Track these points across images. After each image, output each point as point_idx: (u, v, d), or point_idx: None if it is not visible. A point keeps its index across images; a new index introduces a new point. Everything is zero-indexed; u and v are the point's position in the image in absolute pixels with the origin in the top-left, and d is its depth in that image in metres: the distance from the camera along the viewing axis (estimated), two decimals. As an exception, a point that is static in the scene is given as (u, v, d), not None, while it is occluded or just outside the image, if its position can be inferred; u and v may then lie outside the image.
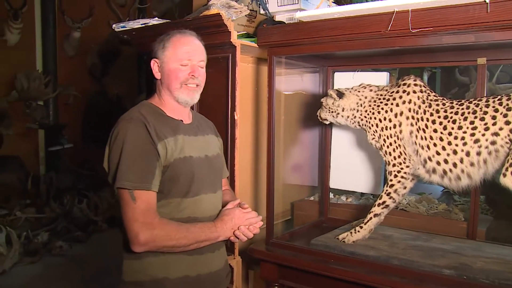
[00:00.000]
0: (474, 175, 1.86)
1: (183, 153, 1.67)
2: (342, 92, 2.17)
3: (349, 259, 1.97)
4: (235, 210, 1.74)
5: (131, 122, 1.62)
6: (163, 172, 1.62)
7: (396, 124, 2.00)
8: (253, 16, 2.66)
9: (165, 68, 1.72)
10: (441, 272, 1.78)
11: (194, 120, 1.83)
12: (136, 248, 1.54)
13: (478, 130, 1.81)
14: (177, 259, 1.64)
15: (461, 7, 1.62)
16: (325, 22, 1.94)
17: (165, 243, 1.56)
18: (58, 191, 5.89)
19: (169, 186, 1.64)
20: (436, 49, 2.06)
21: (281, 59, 2.26)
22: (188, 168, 1.67)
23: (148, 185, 1.57)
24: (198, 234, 1.62)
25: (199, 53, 1.76)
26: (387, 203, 2.05)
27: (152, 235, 1.53)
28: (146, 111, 1.69)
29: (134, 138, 1.59)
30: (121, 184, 1.55)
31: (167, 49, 1.71)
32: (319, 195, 2.77)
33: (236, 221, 1.70)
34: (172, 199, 1.65)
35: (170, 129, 1.68)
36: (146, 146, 1.59)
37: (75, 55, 6.84)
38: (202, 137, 1.81)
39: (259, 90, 2.58)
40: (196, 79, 1.73)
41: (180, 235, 1.58)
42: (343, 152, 2.59)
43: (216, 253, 1.76)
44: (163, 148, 1.61)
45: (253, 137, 2.57)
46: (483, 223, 2.25)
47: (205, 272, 1.71)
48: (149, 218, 1.54)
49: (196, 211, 1.69)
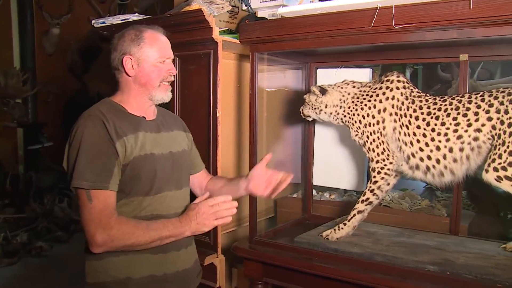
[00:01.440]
0: (457, 171, 1.86)
1: (144, 150, 1.63)
2: (325, 89, 2.16)
3: (333, 256, 1.97)
4: (200, 204, 1.65)
5: (89, 120, 1.57)
6: (122, 170, 1.58)
7: (380, 121, 1.99)
8: (235, 12, 2.64)
9: (142, 65, 1.65)
10: (425, 268, 1.78)
11: (158, 116, 1.78)
12: (94, 249, 1.50)
13: (461, 126, 1.81)
14: (141, 258, 1.60)
15: (444, 3, 1.62)
16: (308, 18, 1.93)
17: (123, 242, 1.52)
18: (38, 190, 5.78)
19: (131, 184, 1.59)
20: (418, 45, 2.06)
21: (264, 56, 2.23)
22: (149, 165, 1.63)
23: (106, 185, 1.52)
24: (160, 230, 1.56)
25: (170, 49, 1.73)
26: (370, 200, 2.04)
27: (109, 235, 1.49)
28: (106, 108, 1.64)
29: (92, 136, 1.54)
30: (77, 183, 1.51)
31: (144, 45, 1.65)
32: (302, 192, 2.76)
33: (201, 215, 1.62)
34: (134, 197, 1.60)
35: (131, 126, 1.63)
36: (104, 144, 1.54)
37: (55, 52, 6.71)
38: (166, 133, 1.76)
39: (241, 86, 2.55)
40: (173, 76, 1.71)
41: (139, 233, 1.53)
42: (326, 149, 2.58)
43: (182, 252, 1.71)
44: (122, 146, 1.57)
45: (235, 134, 2.55)
46: (465, 219, 2.26)
47: (172, 271, 1.67)
48: (105, 218, 1.50)
49: (159, 208, 1.64)
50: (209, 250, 2.21)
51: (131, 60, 1.66)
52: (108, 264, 1.59)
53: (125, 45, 1.66)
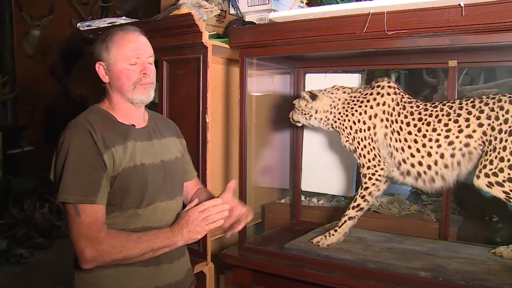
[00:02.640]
0: (448, 176, 1.87)
1: (134, 161, 1.57)
2: (315, 94, 2.15)
3: (324, 263, 1.96)
4: (190, 211, 1.60)
5: (76, 131, 1.52)
6: (111, 183, 1.52)
7: (370, 126, 1.99)
8: (223, 16, 2.61)
9: (113, 70, 1.59)
10: (417, 274, 1.78)
11: (149, 123, 1.72)
12: (83, 265, 1.46)
13: (452, 132, 1.82)
14: (132, 271, 1.55)
15: (437, 10, 1.62)
16: (300, 23, 1.91)
17: (114, 256, 1.47)
18: (18, 195, 5.64)
19: (121, 197, 1.54)
20: (407, 51, 2.07)
21: (253, 60, 2.21)
22: (140, 176, 1.57)
23: (93, 198, 1.47)
24: (152, 242, 1.52)
25: (147, 49, 1.64)
26: (361, 206, 2.04)
27: (98, 250, 1.44)
28: (95, 117, 1.58)
29: (79, 148, 1.49)
30: (64, 198, 1.46)
31: (112, 49, 1.58)
32: (290, 197, 2.74)
33: (192, 222, 1.58)
34: (125, 210, 1.55)
35: (120, 136, 1.57)
36: (91, 156, 1.49)
37: (35, 54, 6.58)
38: (158, 141, 1.70)
39: (229, 91, 2.53)
40: (148, 77, 1.62)
41: (130, 246, 1.48)
42: (314, 154, 2.57)
43: (175, 264, 1.66)
44: (110, 158, 1.51)
45: (223, 139, 2.52)
46: (453, 223, 2.27)
47: (164, 284, 1.63)
48: (94, 232, 1.46)
49: (151, 220, 1.59)
50: (198, 258, 2.18)
51: (102, 66, 1.60)
52: (99, 277, 1.54)
53: (97, 51, 1.61)
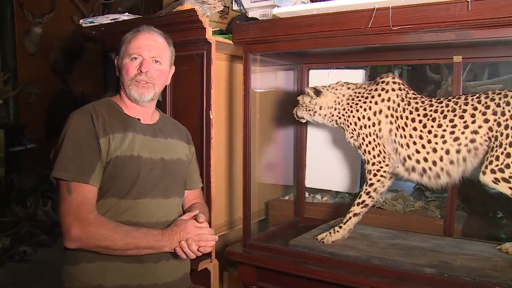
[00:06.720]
0: (454, 173, 1.86)
1: (131, 151, 1.60)
2: (319, 90, 2.14)
3: (329, 259, 1.95)
4: (188, 222, 1.62)
5: (80, 113, 1.59)
6: (104, 168, 1.55)
7: (375, 122, 1.98)
8: (226, 12, 2.61)
9: (120, 64, 1.70)
10: (422, 271, 1.77)
11: (158, 122, 1.77)
12: (67, 243, 1.48)
13: (458, 128, 1.81)
14: (115, 266, 1.56)
15: (442, 4, 1.61)
16: (304, 19, 1.90)
17: (98, 242, 1.48)
18: (20, 193, 5.66)
19: (109, 183, 1.56)
20: (411, 46, 2.06)
21: (256, 56, 2.20)
22: (133, 167, 1.59)
23: (87, 178, 1.50)
24: (139, 239, 1.52)
25: (155, 48, 1.69)
26: (366, 202, 2.03)
27: (85, 231, 1.46)
28: (101, 105, 1.66)
29: (78, 129, 1.54)
30: (58, 174, 1.49)
31: (123, 45, 1.70)
32: (294, 194, 2.73)
33: (185, 234, 1.59)
34: (109, 198, 1.56)
35: (121, 125, 1.62)
36: (88, 138, 1.54)
37: (37, 52, 6.57)
38: (163, 139, 1.74)
39: (232, 88, 2.52)
40: (144, 75, 1.65)
41: (117, 236, 1.49)
42: (318, 150, 2.56)
43: (162, 264, 1.64)
44: (106, 144, 1.55)
45: (226, 136, 2.51)
46: (458, 220, 2.26)
47: (148, 283, 1.61)
48: (84, 212, 1.48)
49: (138, 215, 1.59)
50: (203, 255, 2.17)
51: (116, 60, 1.72)
52: (82, 270, 1.56)
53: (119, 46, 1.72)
